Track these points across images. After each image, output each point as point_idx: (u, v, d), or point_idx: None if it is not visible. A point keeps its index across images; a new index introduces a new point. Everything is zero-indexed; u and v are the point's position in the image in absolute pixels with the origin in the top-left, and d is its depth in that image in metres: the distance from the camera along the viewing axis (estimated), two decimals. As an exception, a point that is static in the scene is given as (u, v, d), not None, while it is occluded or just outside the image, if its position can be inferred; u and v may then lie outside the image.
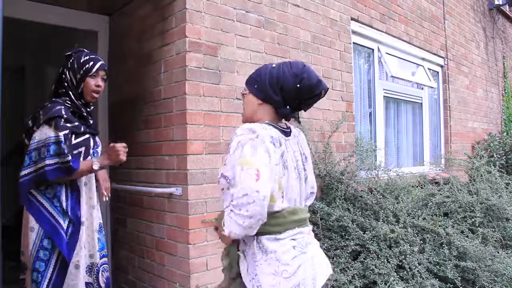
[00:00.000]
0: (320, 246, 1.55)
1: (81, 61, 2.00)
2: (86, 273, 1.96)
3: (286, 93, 1.39)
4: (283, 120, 1.47)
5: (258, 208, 1.22)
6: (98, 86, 2.03)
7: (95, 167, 1.91)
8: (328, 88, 1.46)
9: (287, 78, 1.38)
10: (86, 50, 2.07)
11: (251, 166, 1.24)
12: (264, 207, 1.24)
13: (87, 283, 1.96)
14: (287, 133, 1.45)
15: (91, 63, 2.00)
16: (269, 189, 1.25)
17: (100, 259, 2.01)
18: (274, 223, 1.35)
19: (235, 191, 1.25)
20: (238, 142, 1.30)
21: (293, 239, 1.38)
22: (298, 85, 1.37)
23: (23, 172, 1.87)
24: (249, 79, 1.49)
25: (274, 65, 1.44)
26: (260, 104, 1.43)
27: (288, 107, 1.41)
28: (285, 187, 1.36)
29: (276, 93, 1.39)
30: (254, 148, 1.27)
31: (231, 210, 1.27)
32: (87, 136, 2.00)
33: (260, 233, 1.33)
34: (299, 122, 1.51)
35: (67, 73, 2.01)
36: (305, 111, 1.49)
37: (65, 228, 1.88)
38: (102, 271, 2.02)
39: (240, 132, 1.33)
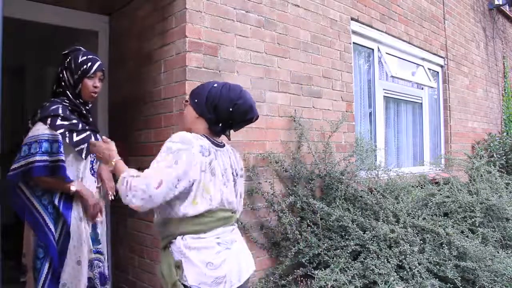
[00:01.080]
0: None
1: (79, 61, 1.99)
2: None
3: (219, 114, 1.54)
4: (219, 135, 1.64)
5: (142, 203, 1.37)
6: (95, 87, 2.03)
7: (72, 188, 1.88)
8: (258, 116, 1.66)
9: (223, 100, 1.53)
10: (83, 49, 2.06)
11: (160, 175, 1.38)
12: (147, 207, 1.39)
13: (88, 278, 1.97)
14: (219, 145, 1.61)
15: (89, 63, 1.99)
16: (161, 198, 1.38)
17: (93, 254, 2.02)
18: (199, 222, 1.48)
19: (143, 177, 1.40)
20: (168, 148, 1.44)
21: (218, 237, 1.51)
22: (231, 109, 1.53)
23: (13, 166, 1.85)
24: (192, 92, 1.62)
25: (215, 85, 1.57)
26: (197, 118, 1.57)
27: (220, 125, 1.57)
28: (212, 190, 1.50)
29: (210, 111, 1.54)
30: (175, 160, 1.40)
31: (132, 179, 1.40)
32: (88, 133, 2.00)
33: (186, 232, 1.47)
34: (229, 139, 1.70)
35: (64, 73, 2.00)
36: (235, 131, 1.67)
37: (56, 236, 1.88)
38: (96, 266, 2.03)
39: (175, 139, 1.45)
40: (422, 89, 4.85)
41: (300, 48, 3.08)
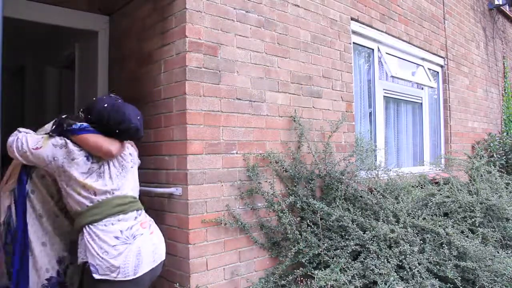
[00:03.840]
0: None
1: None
2: None
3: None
4: None
5: (16, 154, 1.87)
6: None
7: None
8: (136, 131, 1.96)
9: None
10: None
11: (41, 141, 1.87)
12: (18, 157, 1.88)
13: None
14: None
15: None
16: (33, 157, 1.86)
17: None
18: (94, 213, 1.83)
19: (30, 137, 1.88)
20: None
21: (120, 230, 1.83)
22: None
23: None
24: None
25: (106, 105, 1.91)
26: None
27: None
28: (107, 180, 1.88)
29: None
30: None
31: (20, 135, 1.88)
32: None
33: (87, 222, 1.82)
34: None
35: None
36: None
37: None
38: None
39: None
40: (422, 89, 4.85)
41: (300, 48, 3.08)
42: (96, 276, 1.76)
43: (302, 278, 2.53)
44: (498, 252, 2.77)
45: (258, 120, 2.74)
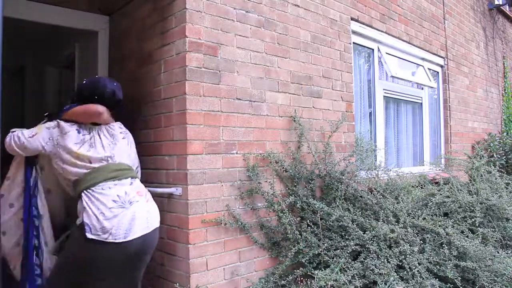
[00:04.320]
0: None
1: None
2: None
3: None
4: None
5: (15, 148, 2.06)
6: None
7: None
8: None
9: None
10: None
11: (36, 129, 2.09)
12: (17, 151, 2.07)
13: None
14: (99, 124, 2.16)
15: None
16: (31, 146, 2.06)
17: None
18: (92, 177, 1.99)
19: (24, 130, 2.07)
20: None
21: (118, 195, 1.96)
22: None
23: None
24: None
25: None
26: None
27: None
28: (99, 148, 2.06)
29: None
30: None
31: (14, 132, 2.07)
32: None
33: (85, 187, 1.96)
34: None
35: None
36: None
37: None
38: None
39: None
40: (422, 89, 4.85)
41: (300, 48, 3.08)
42: (88, 235, 1.86)
43: (302, 278, 2.53)
44: (498, 252, 2.77)
45: (258, 120, 2.74)
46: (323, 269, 2.52)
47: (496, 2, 6.42)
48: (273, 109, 2.85)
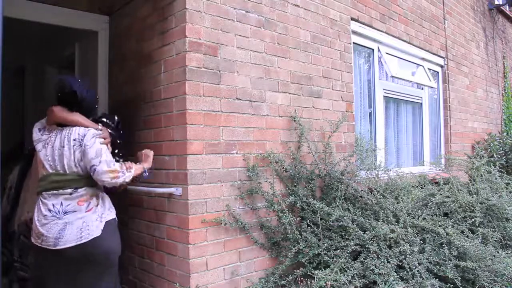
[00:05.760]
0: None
1: None
2: None
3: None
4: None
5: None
6: None
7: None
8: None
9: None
10: None
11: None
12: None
13: None
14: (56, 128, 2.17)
15: None
16: None
17: None
18: (39, 185, 2.08)
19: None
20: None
21: (53, 204, 2.03)
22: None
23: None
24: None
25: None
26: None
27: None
28: (48, 150, 2.09)
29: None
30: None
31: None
32: None
33: (37, 191, 2.08)
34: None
35: None
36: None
37: None
38: None
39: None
40: (422, 89, 4.85)
41: (300, 48, 3.08)
42: (31, 240, 2.07)
43: (302, 278, 2.53)
44: (498, 252, 2.77)
45: (258, 120, 2.74)
46: (323, 269, 2.52)
47: (496, 2, 6.42)
48: (273, 109, 2.85)
